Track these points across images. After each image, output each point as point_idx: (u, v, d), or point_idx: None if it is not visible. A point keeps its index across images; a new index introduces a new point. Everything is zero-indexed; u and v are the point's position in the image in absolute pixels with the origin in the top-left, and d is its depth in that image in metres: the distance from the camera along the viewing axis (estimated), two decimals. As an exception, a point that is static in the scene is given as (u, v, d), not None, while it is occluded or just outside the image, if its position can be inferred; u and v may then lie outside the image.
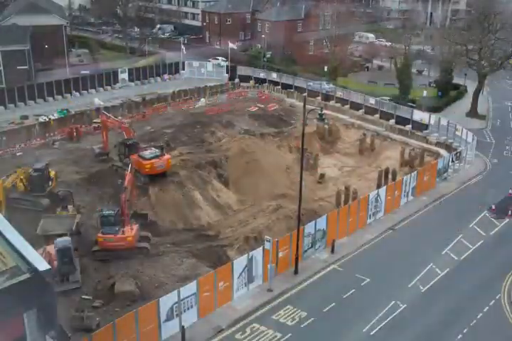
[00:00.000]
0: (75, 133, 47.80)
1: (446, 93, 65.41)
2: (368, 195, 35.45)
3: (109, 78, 63.77)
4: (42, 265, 18.38)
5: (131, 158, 37.98)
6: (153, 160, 37.76)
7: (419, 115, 53.09)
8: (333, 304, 27.07)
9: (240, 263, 26.92)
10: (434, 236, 34.12)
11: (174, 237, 33.54)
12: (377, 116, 56.10)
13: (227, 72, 69.65)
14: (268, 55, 77.67)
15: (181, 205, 36.69)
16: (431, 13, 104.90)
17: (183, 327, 24.06)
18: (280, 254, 28.90)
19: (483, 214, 37.33)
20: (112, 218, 29.97)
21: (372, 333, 25.12)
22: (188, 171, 39.73)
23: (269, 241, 27.58)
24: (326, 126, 54.58)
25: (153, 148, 39.72)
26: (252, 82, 67.85)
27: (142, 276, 28.48)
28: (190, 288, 24.72)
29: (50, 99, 58.04)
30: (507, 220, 36.63)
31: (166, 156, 38.97)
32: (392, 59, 74.75)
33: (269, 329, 25.09)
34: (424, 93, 61.61)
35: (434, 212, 37.83)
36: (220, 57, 74.20)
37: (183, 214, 36.17)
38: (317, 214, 34.60)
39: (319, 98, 61.74)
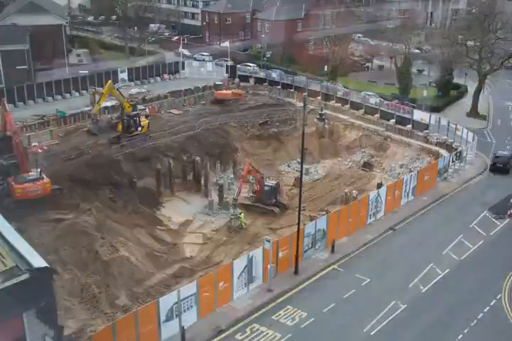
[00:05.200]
0: None
1: (447, 93, 65.34)
2: (368, 195, 35.40)
3: (109, 78, 63.57)
4: (41, 265, 18.34)
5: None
6: (25, 185, 34.24)
7: (419, 115, 52.99)
8: (333, 304, 27.03)
9: (239, 263, 26.86)
10: (434, 236, 34.09)
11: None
12: (378, 116, 56.01)
13: (227, 72, 69.54)
14: (268, 55, 77.58)
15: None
16: (431, 13, 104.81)
17: (182, 327, 24.00)
18: (280, 254, 28.85)
19: (483, 214, 37.29)
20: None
21: (372, 333, 25.07)
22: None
23: (269, 242, 27.52)
24: (327, 126, 54.62)
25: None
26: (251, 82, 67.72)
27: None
28: (190, 288, 24.67)
29: (50, 98, 57.91)
30: (507, 220, 36.57)
31: (45, 180, 34.82)
32: (392, 59, 74.69)
33: (269, 330, 25.06)
34: (425, 93, 61.53)
35: (434, 212, 37.77)
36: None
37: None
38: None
39: (319, 98, 61.60)
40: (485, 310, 26.85)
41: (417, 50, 77.34)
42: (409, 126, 52.78)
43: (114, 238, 32.64)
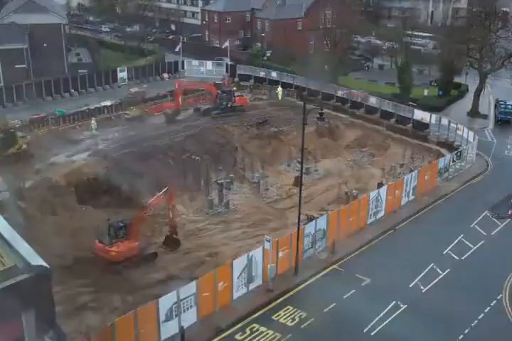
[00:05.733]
0: None
1: (447, 92, 65.22)
2: (369, 195, 35.27)
3: (108, 77, 63.52)
4: (40, 265, 18.23)
5: None
6: None
7: (419, 114, 52.87)
8: (334, 304, 26.91)
9: (239, 263, 26.75)
10: (435, 236, 33.98)
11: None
12: (378, 115, 55.90)
13: (226, 71, 69.42)
14: (268, 54, 77.45)
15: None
16: (432, 12, 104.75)
17: (182, 327, 23.89)
18: (280, 254, 28.73)
19: (484, 214, 37.17)
20: (116, 229, 30.02)
21: (372, 334, 24.97)
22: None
23: (269, 241, 27.41)
24: (327, 126, 54.50)
25: None
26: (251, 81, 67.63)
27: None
28: (189, 288, 24.56)
29: (49, 98, 57.78)
30: (508, 220, 36.46)
31: None
32: (392, 58, 74.57)
33: (269, 330, 24.94)
34: (425, 92, 61.43)
35: (435, 212, 37.66)
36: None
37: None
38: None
39: (319, 97, 61.49)
40: (486, 311, 26.73)
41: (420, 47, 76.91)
42: (409, 126, 52.68)
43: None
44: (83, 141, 46.18)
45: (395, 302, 27.14)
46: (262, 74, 67.89)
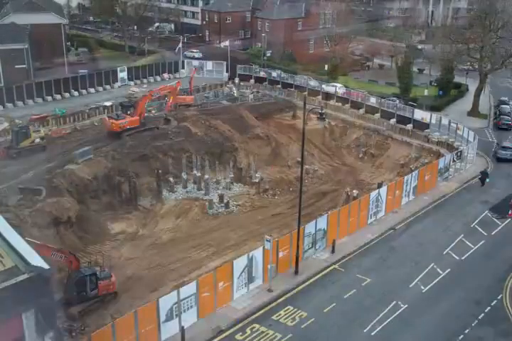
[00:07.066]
0: None
1: (448, 92, 65.19)
2: (369, 195, 35.26)
3: (108, 77, 63.49)
4: (40, 265, 18.24)
5: None
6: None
7: (420, 114, 52.84)
8: (334, 304, 26.93)
9: (240, 263, 26.75)
10: (435, 236, 33.99)
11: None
12: (378, 115, 55.87)
13: (226, 71, 69.39)
14: (268, 54, 77.44)
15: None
16: (432, 12, 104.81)
17: (182, 327, 23.89)
18: (280, 254, 28.73)
19: (484, 214, 37.16)
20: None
21: (373, 333, 24.96)
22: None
23: (269, 241, 27.40)
24: (327, 126, 54.53)
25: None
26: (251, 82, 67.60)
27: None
28: (189, 288, 24.56)
29: (49, 98, 57.72)
30: (508, 220, 36.44)
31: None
32: (392, 57, 74.55)
33: (270, 330, 24.94)
34: (425, 92, 61.38)
35: (435, 212, 37.65)
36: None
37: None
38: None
39: (319, 97, 61.50)
40: (486, 310, 26.75)
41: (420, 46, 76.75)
42: (410, 126, 52.66)
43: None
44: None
45: (395, 302, 27.13)
46: (262, 74, 67.81)
